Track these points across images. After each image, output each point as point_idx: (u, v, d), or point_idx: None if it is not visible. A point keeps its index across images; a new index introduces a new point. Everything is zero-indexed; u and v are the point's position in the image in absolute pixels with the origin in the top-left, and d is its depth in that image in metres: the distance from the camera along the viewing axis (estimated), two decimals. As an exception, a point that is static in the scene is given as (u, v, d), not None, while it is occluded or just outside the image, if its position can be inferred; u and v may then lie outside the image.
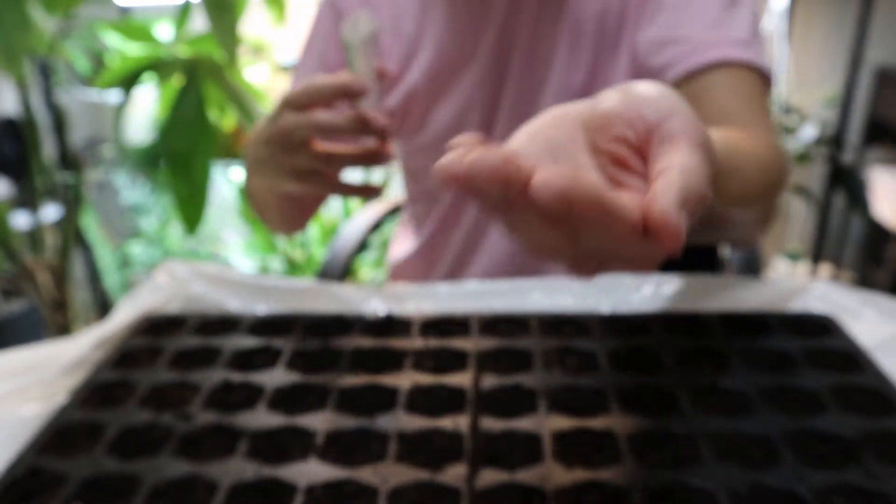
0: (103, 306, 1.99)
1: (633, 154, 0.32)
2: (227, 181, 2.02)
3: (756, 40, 0.57)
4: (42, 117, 1.65)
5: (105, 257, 2.00)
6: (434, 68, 0.78)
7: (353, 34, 0.60)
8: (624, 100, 0.33)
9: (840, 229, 2.25)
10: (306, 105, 0.58)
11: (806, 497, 0.43)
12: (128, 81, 1.11)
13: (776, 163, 0.54)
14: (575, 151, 0.32)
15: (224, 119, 1.91)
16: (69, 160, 1.32)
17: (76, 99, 1.96)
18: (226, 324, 0.67)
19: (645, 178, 0.32)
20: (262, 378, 0.58)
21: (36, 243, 1.39)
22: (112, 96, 1.22)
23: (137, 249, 2.12)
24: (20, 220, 1.65)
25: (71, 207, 1.40)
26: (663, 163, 0.31)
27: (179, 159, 1.19)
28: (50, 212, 1.73)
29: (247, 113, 1.28)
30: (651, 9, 0.63)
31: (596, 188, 0.27)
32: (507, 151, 0.29)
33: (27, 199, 1.34)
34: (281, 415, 0.53)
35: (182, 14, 1.22)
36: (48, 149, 1.34)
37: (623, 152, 0.32)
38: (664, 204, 0.28)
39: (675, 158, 0.30)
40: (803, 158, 2.06)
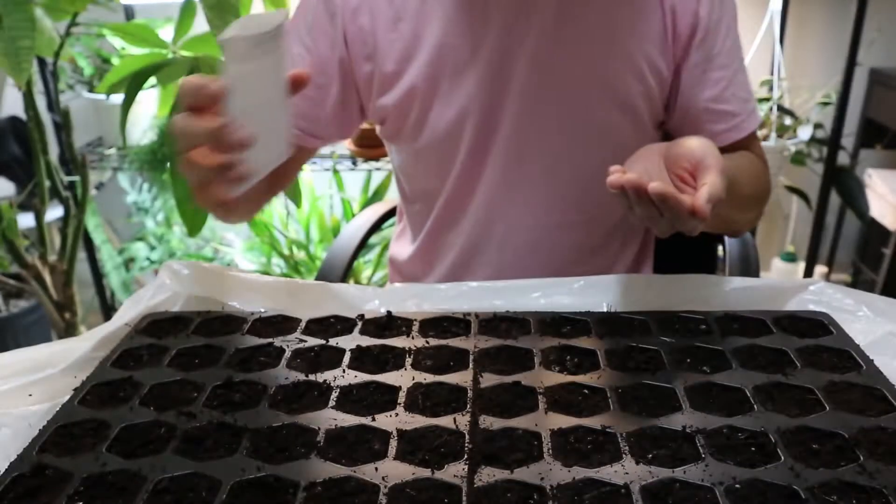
0: (107, 306, 2.00)
1: (689, 175, 0.64)
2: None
3: (752, 96, 0.84)
4: (46, 119, 1.66)
5: (109, 257, 2.00)
6: (433, 69, 0.77)
7: (237, 37, 0.50)
8: (687, 146, 0.64)
9: (835, 230, 2.25)
10: (190, 106, 0.52)
11: (802, 493, 0.43)
12: (131, 83, 1.12)
13: (763, 181, 0.84)
14: (659, 172, 0.65)
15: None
16: (73, 161, 1.33)
17: (80, 100, 1.96)
18: (228, 323, 0.68)
19: (691, 186, 0.63)
20: (264, 377, 0.58)
21: (41, 244, 1.40)
22: (115, 98, 1.23)
23: (141, 250, 2.13)
24: (25, 221, 1.66)
25: (75, 208, 1.41)
26: (702, 180, 0.60)
27: (182, 160, 1.19)
28: (54, 212, 1.74)
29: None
30: (700, 68, 0.80)
31: (674, 191, 0.56)
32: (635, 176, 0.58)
33: (32, 200, 1.34)
34: (282, 413, 0.53)
35: (183, 14, 1.23)
36: (52, 150, 1.34)
37: (684, 174, 0.64)
38: (701, 200, 0.57)
39: (708, 178, 0.60)
40: (798, 160, 2.06)
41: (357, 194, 2.11)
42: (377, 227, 1.13)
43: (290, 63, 0.61)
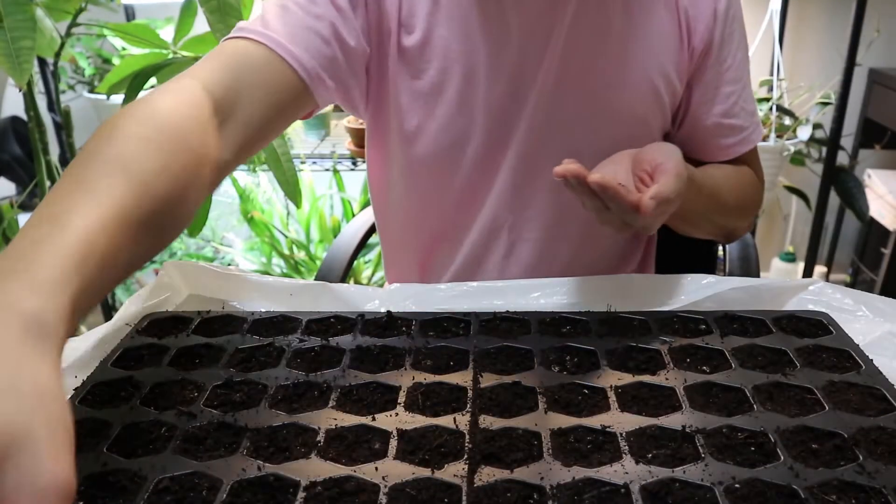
0: (107, 306, 2.00)
1: (648, 177, 0.65)
2: (230, 182, 2.03)
3: (756, 107, 0.85)
4: (47, 119, 1.66)
5: (109, 258, 2.00)
6: (441, 78, 0.74)
7: None
8: (651, 151, 0.67)
9: (834, 230, 2.26)
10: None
11: (801, 493, 0.43)
12: (132, 83, 1.12)
13: (752, 192, 0.86)
14: (626, 175, 0.67)
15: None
16: (73, 161, 1.33)
17: (81, 100, 1.97)
18: (228, 323, 0.68)
19: (648, 186, 0.62)
20: (264, 376, 0.58)
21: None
22: (116, 98, 1.23)
23: (141, 250, 2.13)
24: (26, 221, 1.66)
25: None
26: (656, 180, 0.63)
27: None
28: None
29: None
30: (713, 84, 0.80)
31: (614, 183, 0.58)
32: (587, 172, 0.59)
33: (33, 200, 1.34)
34: (283, 413, 0.53)
35: (184, 14, 1.23)
36: (53, 150, 1.34)
37: (644, 175, 0.65)
38: (646, 196, 0.59)
39: (661, 179, 0.62)
40: (798, 160, 2.06)
41: (357, 194, 2.11)
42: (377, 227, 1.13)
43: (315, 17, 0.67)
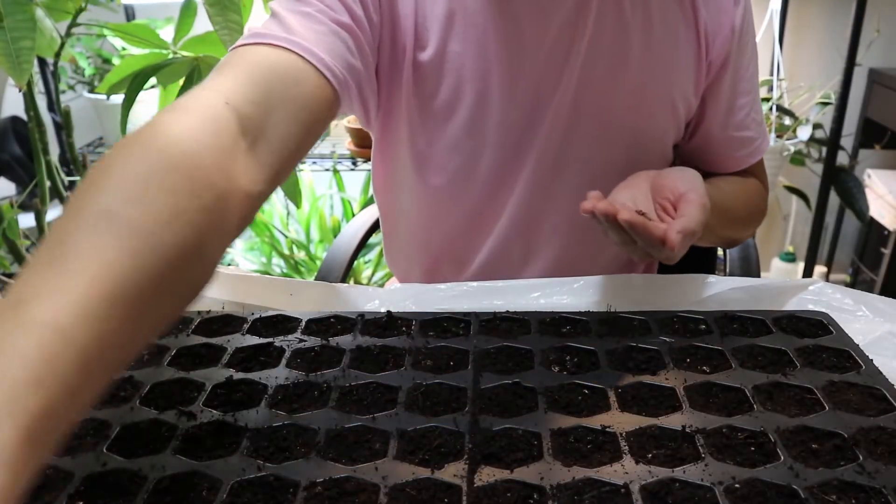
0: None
1: (671, 205, 0.65)
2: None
3: (763, 116, 0.85)
4: (47, 119, 1.66)
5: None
6: (452, 96, 0.72)
7: None
8: (672, 178, 0.67)
9: (834, 230, 2.26)
10: None
11: (801, 493, 0.43)
12: (132, 83, 1.12)
13: (759, 203, 0.86)
14: (645, 200, 0.66)
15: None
16: (74, 161, 1.33)
17: (81, 100, 1.97)
18: (228, 323, 0.68)
19: (672, 216, 0.63)
20: (264, 377, 0.58)
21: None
22: (116, 98, 1.23)
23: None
24: (26, 221, 1.66)
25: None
26: (681, 212, 0.62)
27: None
28: (55, 212, 1.74)
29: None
30: (727, 97, 0.80)
31: (643, 220, 0.57)
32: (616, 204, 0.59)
33: (33, 200, 1.34)
34: (282, 413, 0.53)
35: (184, 14, 1.23)
36: (53, 150, 1.34)
37: (666, 204, 0.65)
38: (672, 231, 0.57)
39: (687, 210, 0.61)
40: (798, 160, 2.06)
41: (357, 194, 2.11)
42: (377, 227, 1.13)
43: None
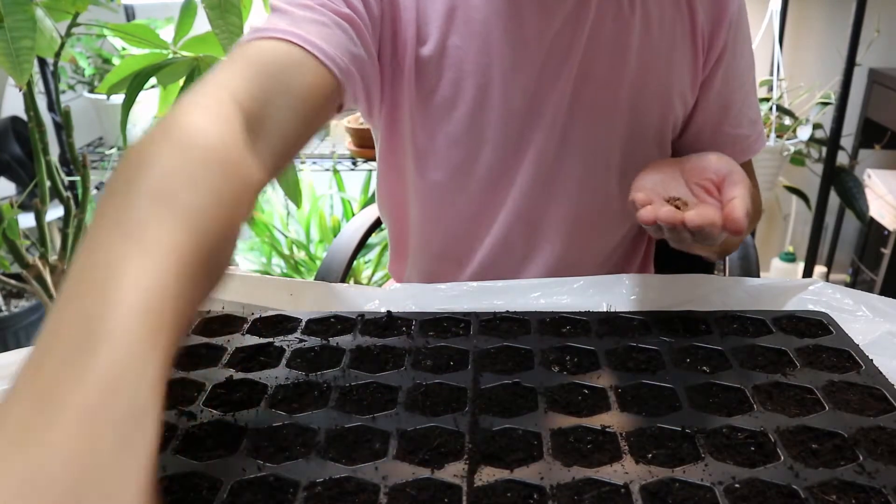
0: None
1: (713, 186, 0.64)
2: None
3: (760, 115, 0.85)
4: (47, 119, 1.66)
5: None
6: (453, 91, 0.72)
7: None
8: (714, 160, 0.66)
9: (834, 230, 2.26)
10: None
11: (801, 493, 0.43)
12: (132, 83, 1.12)
13: (757, 202, 0.83)
14: (676, 185, 0.66)
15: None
16: (74, 161, 1.33)
17: (81, 100, 1.97)
18: (228, 323, 0.68)
19: (716, 198, 0.63)
20: (264, 377, 0.58)
21: (41, 244, 1.40)
22: (116, 98, 1.23)
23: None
24: (26, 221, 1.66)
25: (76, 208, 1.41)
26: (731, 194, 0.60)
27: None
28: (55, 212, 1.74)
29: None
30: (720, 93, 0.79)
31: (712, 219, 0.56)
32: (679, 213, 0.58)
33: (33, 200, 1.34)
34: (282, 413, 0.53)
35: (184, 14, 1.23)
36: (53, 150, 1.35)
37: (710, 185, 0.64)
38: (738, 213, 0.56)
39: (737, 191, 0.60)
40: (798, 160, 2.07)
41: (357, 194, 2.11)
42: (377, 227, 1.13)
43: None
